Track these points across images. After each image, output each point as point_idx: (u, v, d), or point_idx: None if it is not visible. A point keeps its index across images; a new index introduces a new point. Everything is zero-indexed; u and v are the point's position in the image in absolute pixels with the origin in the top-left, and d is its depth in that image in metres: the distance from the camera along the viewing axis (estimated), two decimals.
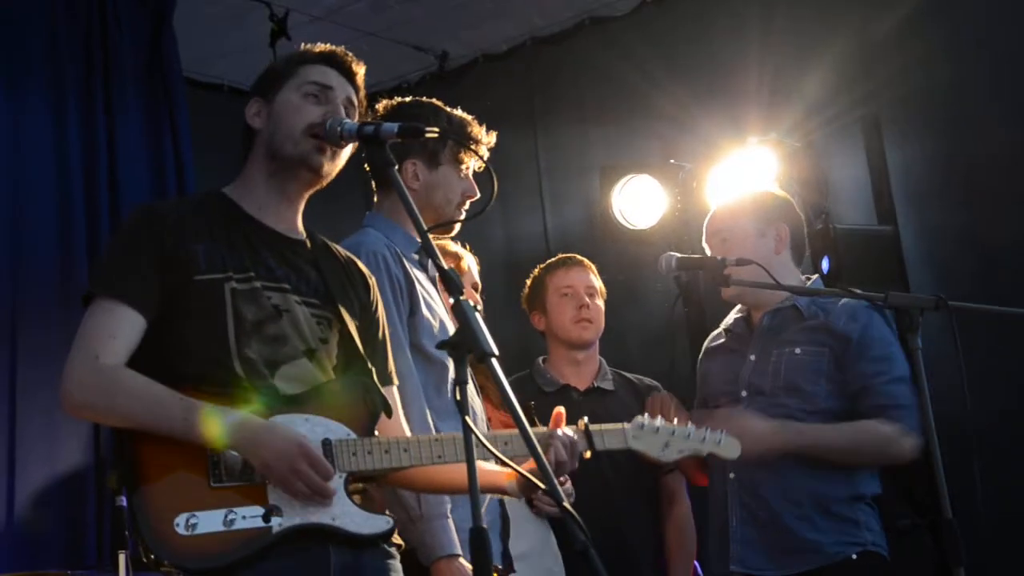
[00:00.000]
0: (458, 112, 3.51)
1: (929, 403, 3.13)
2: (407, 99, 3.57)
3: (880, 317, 3.78)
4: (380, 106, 3.52)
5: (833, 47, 5.14)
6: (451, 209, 3.44)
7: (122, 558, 4.00)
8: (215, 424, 2.50)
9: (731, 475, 3.83)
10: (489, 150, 3.41)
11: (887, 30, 5.09)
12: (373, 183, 3.54)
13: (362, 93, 2.91)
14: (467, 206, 3.49)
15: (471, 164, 3.48)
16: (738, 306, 4.09)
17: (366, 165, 3.42)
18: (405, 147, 3.33)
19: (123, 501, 4.06)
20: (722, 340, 4.10)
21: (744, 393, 3.86)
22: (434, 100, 3.55)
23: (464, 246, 4.12)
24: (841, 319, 3.78)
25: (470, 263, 4.09)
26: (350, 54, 2.93)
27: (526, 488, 2.81)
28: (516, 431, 2.18)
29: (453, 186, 3.45)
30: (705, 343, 4.21)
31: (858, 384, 3.73)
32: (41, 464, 4.66)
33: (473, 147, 3.35)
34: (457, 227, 3.54)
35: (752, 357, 3.90)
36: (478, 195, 3.48)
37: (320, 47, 2.93)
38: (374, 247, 3.17)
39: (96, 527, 4.72)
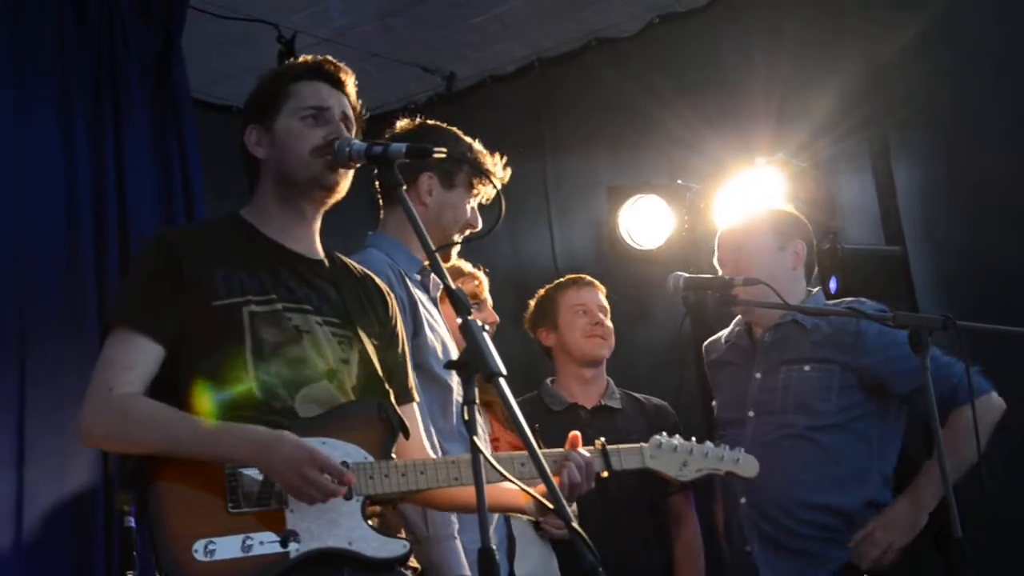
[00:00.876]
0: (477, 144, 3.51)
1: (939, 422, 3.12)
2: (429, 122, 3.57)
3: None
4: (399, 125, 3.54)
5: (841, 68, 5.14)
6: (455, 232, 3.45)
7: None
8: (227, 441, 2.51)
9: (742, 500, 3.83)
10: (501, 181, 3.41)
11: (894, 51, 5.09)
12: (380, 201, 3.54)
13: (355, 100, 2.91)
14: (465, 235, 3.49)
15: (480, 196, 3.49)
16: (738, 317, 4.10)
17: (377, 183, 3.43)
18: (423, 161, 3.34)
19: (131, 521, 4.06)
20: (722, 350, 4.10)
21: (751, 413, 3.85)
22: (454, 128, 3.55)
23: (477, 267, 4.13)
24: (850, 331, 3.78)
25: (485, 284, 4.11)
26: (337, 63, 2.91)
27: (543, 507, 2.81)
28: (529, 434, 2.17)
29: (462, 210, 3.46)
30: (704, 348, 4.21)
31: (910, 386, 3.65)
32: (50, 484, 4.65)
33: (489, 177, 3.36)
34: (456, 250, 3.55)
35: (758, 375, 3.90)
36: (479, 228, 3.50)
37: (305, 59, 2.93)
38: (377, 268, 3.17)
39: (104, 547, 4.71)
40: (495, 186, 3.19)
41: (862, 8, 5.27)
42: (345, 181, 2.81)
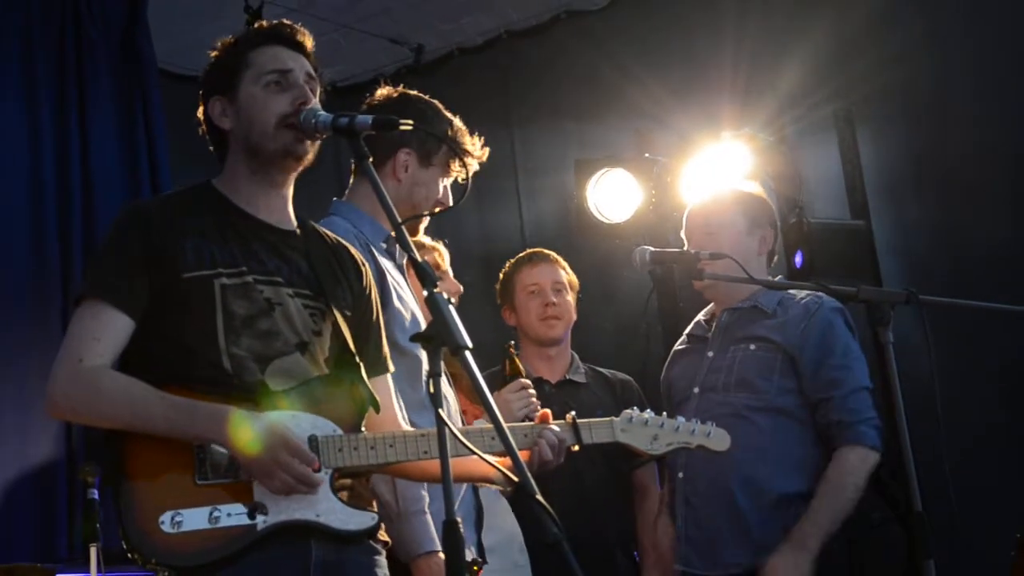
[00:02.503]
0: (457, 121, 3.49)
1: (900, 396, 3.15)
2: (411, 93, 3.54)
3: (840, 320, 3.80)
4: (380, 93, 3.51)
5: (807, 42, 5.15)
6: (425, 209, 3.43)
7: (93, 551, 3.98)
8: (196, 420, 2.51)
9: (680, 475, 3.84)
10: (479, 161, 3.40)
11: (860, 25, 5.11)
12: (353, 167, 3.51)
13: (314, 60, 2.87)
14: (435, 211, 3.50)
15: (455, 175, 3.48)
16: (703, 311, 4.11)
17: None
18: (403, 136, 3.32)
19: (95, 494, 4.04)
20: (684, 345, 4.12)
21: (696, 390, 3.86)
22: (435, 102, 3.52)
23: (437, 240, 4.12)
24: (799, 325, 3.80)
25: (445, 255, 4.09)
26: (293, 25, 2.89)
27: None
28: (495, 407, 2.18)
29: (434, 188, 3.45)
30: (671, 353, 4.23)
31: (818, 396, 3.75)
32: (12, 457, 4.63)
33: (465, 160, 3.34)
34: (424, 224, 3.54)
35: (710, 354, 3.92)
36: (450, 206, 3.49)
37: (260, 25, 2.89)
38: (342, 237, 3.16)
39: (67, 520, 4.70)
40: (467, 171, 3.18)
41: None
42: (314, 148, 2.80)
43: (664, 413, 3.14)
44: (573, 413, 2.97)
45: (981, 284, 4.55)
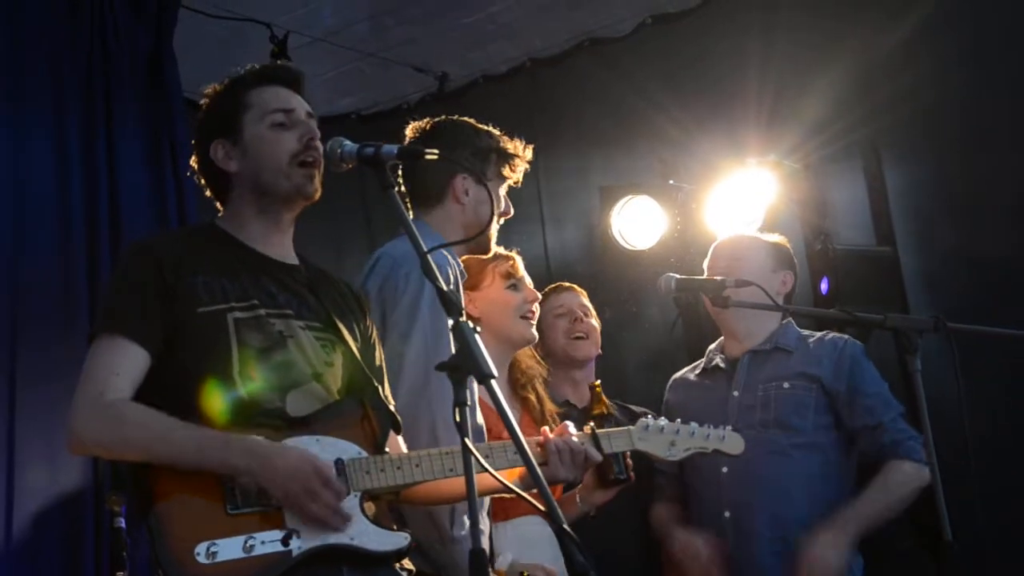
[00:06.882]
0: (494, 130, 3.56)
1: (929, 424, 3.13)
2: (444, 118, 3.58)
3: (864, 358, 3.86)
4: (413, 126, 3.55)
5: (832, 69, 5.15)
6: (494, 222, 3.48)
7: None
8: (230, 453, 2.51)
9: (727, 514, 3.83)
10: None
11: (886, 53, 5.10)
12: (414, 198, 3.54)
13: (308, 96, 2.90)
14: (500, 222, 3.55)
15: (512, 178, 3.53)
16: (714, 345, 4.12)
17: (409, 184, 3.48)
18: (452, 164, 3.35)
19: (121, 522, 4.05)
20: (694, 376, 4.13)
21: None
22: (468, 119, 3.58)
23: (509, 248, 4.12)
24: (832, 359, 3.84)
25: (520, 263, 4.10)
26: (286, 64, 2.93)
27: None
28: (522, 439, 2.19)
29: (499, 201, 3.50)
30: (672, 379, 4.23)
31: (862, 423, 3.80)
32: (40, 485, 4.64)
33: (514, 161, 3.39)
34: (493, 247, 3.56)
35: (735, 393, 3.92)
36: (511, 213, 3.57)
37: (253, 67, 2.92)
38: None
39: (94, 548, 4.70)
40: (525, 166, 3.20)
41: (853, 10, 5.28)
42: (320, 187, 2.83)
43: (679, 420, 3.16)
44: (591, 424, 3.03)
45: (1009, 309, 4.52)
